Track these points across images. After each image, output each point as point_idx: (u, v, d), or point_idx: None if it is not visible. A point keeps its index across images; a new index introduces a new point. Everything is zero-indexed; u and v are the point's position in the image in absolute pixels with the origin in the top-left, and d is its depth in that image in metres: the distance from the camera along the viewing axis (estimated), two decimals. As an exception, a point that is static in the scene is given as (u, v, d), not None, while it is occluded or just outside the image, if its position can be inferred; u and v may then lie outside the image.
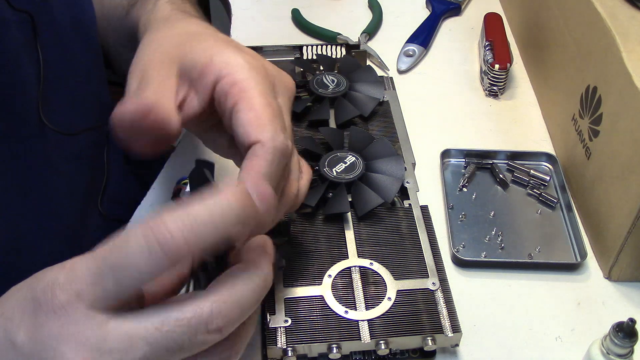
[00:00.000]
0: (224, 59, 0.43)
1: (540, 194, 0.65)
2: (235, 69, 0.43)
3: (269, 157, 0.40)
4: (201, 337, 0.32)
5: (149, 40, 0.48)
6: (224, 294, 0.33)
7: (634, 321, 0.44)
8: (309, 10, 0.89)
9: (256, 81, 0.43)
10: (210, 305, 0.32)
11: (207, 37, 0.47)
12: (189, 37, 0.47)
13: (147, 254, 0.31)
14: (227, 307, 0.33)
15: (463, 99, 0.78)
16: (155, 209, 0.63)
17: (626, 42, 0.56)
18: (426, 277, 0.51)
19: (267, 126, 0.41)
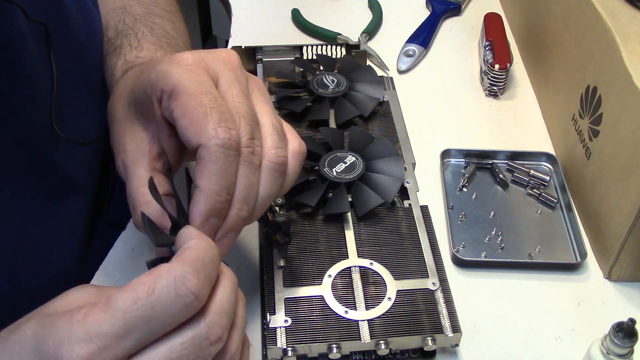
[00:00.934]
0: (151, 78, 0.43)
1: (540, 194, 0.65)
2: (164, 80, 0.42)
3: (212, 156, 0.40)
4: (206, 350, 0.35)
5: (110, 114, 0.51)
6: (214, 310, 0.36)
7: (634, 321, 0.44)
8: (309, 10, 0.89)
9: (185, 82, 0.41)
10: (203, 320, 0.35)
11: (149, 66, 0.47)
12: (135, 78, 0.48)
13: (180, 303, 0.34)
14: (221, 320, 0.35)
15: (463, 99, 0.78)
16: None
17: (626, 42, 0.56)
18: (426, 277, 0.51)
19: (202, 127, 0.40)
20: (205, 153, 0.40)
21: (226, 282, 0.37)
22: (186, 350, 0.34)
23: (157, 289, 0.33)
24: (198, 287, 0.34)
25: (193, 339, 0.34)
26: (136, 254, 0.59)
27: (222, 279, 0.37)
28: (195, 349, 0.34)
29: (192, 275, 0.34)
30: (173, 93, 0.41)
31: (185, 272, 0.34)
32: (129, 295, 0.33)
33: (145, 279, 0.34)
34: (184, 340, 0.34)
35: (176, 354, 0.34)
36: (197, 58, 0.43)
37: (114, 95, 0.52)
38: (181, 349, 0.34)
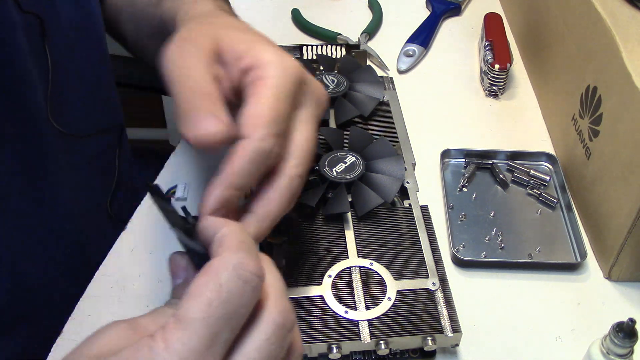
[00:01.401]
0: (259, 54, 0.43)
1: (540, 194, 0.65)
2: (266, 66, 0.42)
3: (247, 154, 0.39)
4: (287, 338, 0.34)
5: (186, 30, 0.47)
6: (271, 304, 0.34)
7: (634, 321, 0.44)
8: (309, 10, 0.89)
9: (280, 83, 0.42)
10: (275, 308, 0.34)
11: (248, 31, 0.47)
12: (233, 28, 0.47)
13: (249, 289, 0.33)
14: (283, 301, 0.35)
15: (463, 99, 0.78)
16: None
17: (626, 42, 0.56)
18: (426, 277, 0.51)
19: (261, 126, 0.40)
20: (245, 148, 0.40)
21: (269, 264, 0.37)
22: (273, 345, 0.33)
23: (224, 284, 0.32)
24: (257, 267, 0.33)
25: (275, 332, 0.33)
26: (136, 253, 0.59)
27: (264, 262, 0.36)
28: (278, 340, 0.34)
29: (247, 258, 0.33)
30: (266, 82, 0.41)
31: (241, 258, 0.33)
32: (200, 300, 0.32)
33: (205, 280, 0.32)
34: (268, 336, 0.33)
35: (265, 352, 0.33)
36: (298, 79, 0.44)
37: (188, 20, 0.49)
38: (268, 344, 0.33)
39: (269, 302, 0.34)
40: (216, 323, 0.32)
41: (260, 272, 0.33)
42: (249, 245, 0.35)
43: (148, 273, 0.57)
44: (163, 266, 0.57)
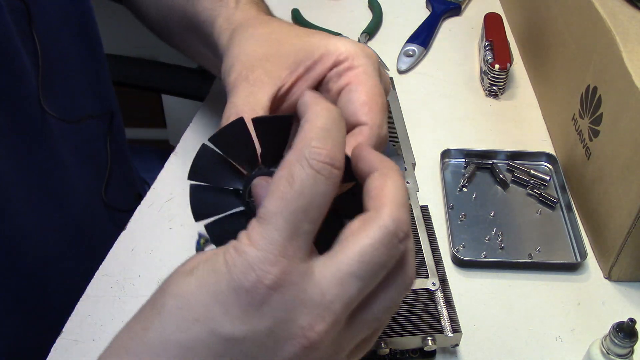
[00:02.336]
0: (340, 47, 0.45)
1: (540, 194, 0.65)
2: (353, 55, 0.44)
3: (371, 140, 0.41)
4: (398, 249, 0.32)
5: (246, 37, 0.48)
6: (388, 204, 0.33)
7: (634, 321, 0.44)
8: (309, 10, 0.89)
9: (372, 70, 0.44)
10: (389, 216, 0.32)
11: (311, 33, 0.48)
12: (295, 34, 0.48)
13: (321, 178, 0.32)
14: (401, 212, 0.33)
15: (463, 99, 0.78)
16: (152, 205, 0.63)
17: (626, 42, 0.56)
18: (426, 277, 0.51)
19: (377, 113, 0.42)
20: (368, 133, 0.41)
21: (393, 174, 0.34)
22: (377, 251, 0.31)
23: (296, 177, 0.31)
24: (330, 154, 0.32)
25: (382, 238, 0.32)
26: (136, 254, 0.59)
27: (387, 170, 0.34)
28: (387, 248, 0.32)
29: (319, 145, 0.32)
30: (358, 71, 0.44)
31: (311, 148, 0.32)
32: (273, 197, 0.31)
33: (279, 176, 0.32)
34: (373, 241, 0.32)
35: (368, 256, 0.31)
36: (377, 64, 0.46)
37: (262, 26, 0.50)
38: (372, 250, 0.31)
39: (383, 208, 0.32)
40: (293, 215, 0.31)
41: (331, 158, 0.32)
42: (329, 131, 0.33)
43: (148, 273, 0.57)
44: (163, 266, 0.57)
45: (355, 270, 0.31)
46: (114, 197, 0.68)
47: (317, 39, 0.46)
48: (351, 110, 0.42)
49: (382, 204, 0.33)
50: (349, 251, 0.32)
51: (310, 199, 0.31)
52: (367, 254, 0.31)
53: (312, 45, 0.46)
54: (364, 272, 0.31)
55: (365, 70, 0.44)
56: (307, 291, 0.31)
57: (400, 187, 0.34)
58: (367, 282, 0.32)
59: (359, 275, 0.31)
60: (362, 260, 0.31)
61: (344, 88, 0.44)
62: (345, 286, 0.31)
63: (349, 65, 0.44)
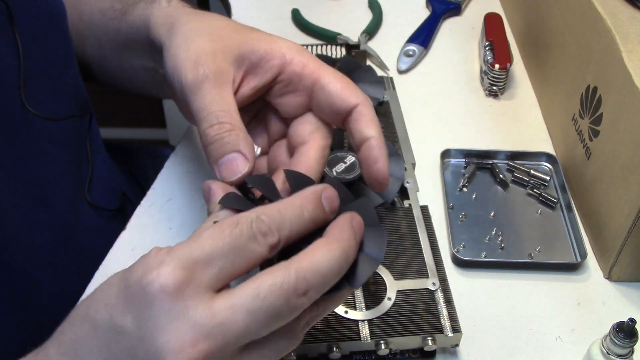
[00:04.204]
0: (281, 45, 0.48)
1: (540, 194, 0.65)
2: (298, 54, 0.47)
3: (371, 112, 0.46)
4: (293, 301, 0.34)
5: (187, 31, 0.49)
6: (303, 263, 0.35)
7: (634, 321, 0.44)
8: (309, 10, 0.89)
9: (318, 60, 0.48)
10: (295, 271, 0.35)
11: (250, 28, 0.50)
12: (235, 28, 0.49)
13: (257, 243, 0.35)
14: (309, 274, 0.35)
15: (463, 99, 0.78)
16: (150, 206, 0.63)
17: (626, 42, 0.56)
18: (426, 277, 0.51)
19: (357, 90, 0.47)
20: (367, 109, 0.46)
21: (334, 246, 0.36)
22: (274, 294, 0.34)
23: (240, 225, 0.35)
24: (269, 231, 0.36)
25: (282, 285, 0.34)
26: (136, 254, 0.59)
27: (332, 243, 0.37)
28: (283, 295, 0.34)
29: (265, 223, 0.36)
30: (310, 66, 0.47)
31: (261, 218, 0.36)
32: (216, 228, 0.35)
33: (228, 220, 0.36)
34: (273, 283, 0.34)
35: (263, 295, 0.34)
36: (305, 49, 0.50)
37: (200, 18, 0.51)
38: (269, 290, 0.34)
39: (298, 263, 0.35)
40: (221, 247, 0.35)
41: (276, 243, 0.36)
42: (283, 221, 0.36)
43: (148, 273, 0.57)
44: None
45: (248, 304, 0.34)
46: (98, 196, 0.68)
47: (258, 36, 0.49)
48: (339, 101, 0.46)
49: (300, 260, 0.35)
50: (249, 286, 0.34)
51: (240, 248, 0.35)
52: (262, 291, 0.34)
53: (254, 40, 0.48)
54: (256, 309, 0.34)
55: (316, 63, 0.47)
56: (198, 309, 0.33)
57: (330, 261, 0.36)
58: (257, 321, 0.34)
59: (250, 309, 0.34)
60: (256, 296, 0.34)
61: (314, 86, 0.47)
62: (236, 315, 0.33)
63: (301, 63, 0.47)
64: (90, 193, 0.67)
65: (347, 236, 0.37)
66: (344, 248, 0.37)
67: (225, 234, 0.35)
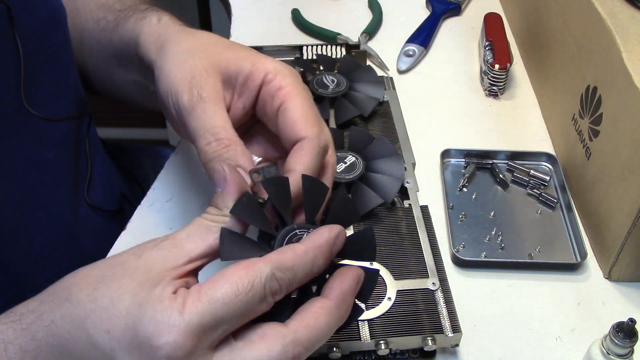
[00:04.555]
0: (266, 66, 0.48)
1: (540, 194, 0.65)
2: (279, 75, 0.48)
3: (313, 151, 0.45)
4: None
5: (179, 51, 0.50)
6: (301, 331, 0.37)
7: (634, 321, 0.44)
8: (309, 10, 0.89)
9: (299, 86, 0.48)
10: (292, 342, 0.36)
11: (237, 46, 0.51)
12: (223, 46, 0.50)
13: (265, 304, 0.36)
14: (306, 342, 0.37)
15: (463, 99, 0.78)
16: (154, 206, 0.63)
17: (626, 42, 0.56)
18: (426, 277, 0.51)
19: (313, 125, 0.46)
20: (309, 145, 0.45)
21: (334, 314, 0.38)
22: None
23: (255, 286, 0.35)
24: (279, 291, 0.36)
25: (280, 354, 0.36)
26: (136, 254, 0.59)
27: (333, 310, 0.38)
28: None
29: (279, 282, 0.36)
30: (286, 89, 0.47)
31: (275, 278, 0.36)
32: (230, 288, 0.35)
33: (243, 274, 0.35)
34: (270, 353, 0.35)
35: None
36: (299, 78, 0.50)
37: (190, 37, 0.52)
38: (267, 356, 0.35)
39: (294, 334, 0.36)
40: (232, 312, 0.35)
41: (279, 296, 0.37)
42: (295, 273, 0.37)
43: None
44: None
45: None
46: (97, 197, 0.68)
47: (244, 54, 0.49)
48: (290, 129, 0.46)
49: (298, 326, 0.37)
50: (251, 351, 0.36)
51: (251, 309, 0.36)
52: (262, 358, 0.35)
53: (241, 60, 0.49)
54: None
55: (293, 88, 0.47)
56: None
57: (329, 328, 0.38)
58: None
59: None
60: None
61: (279, 108, 0.47)
62: None
63: (277, 85, 0.47)
64: (90, 194, 0.67)
65: (349, 301, 0.39)
66: (342, 315, 0.39)
67: (239, 298, 0.35)
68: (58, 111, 0.62)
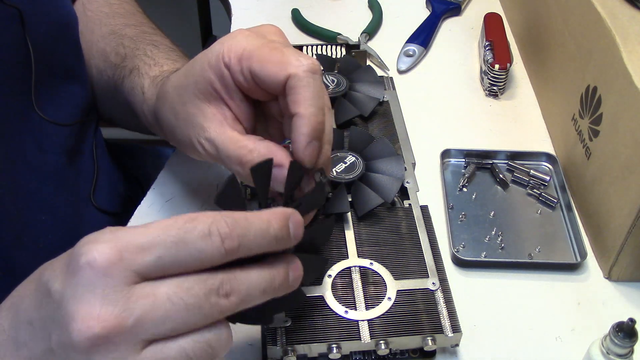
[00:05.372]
0: (217, 53, 0.46)
1: (540, 194, 0.65)
2: (230, 49, 0.46)
3: (303, 82, 0.44)
4: (214, 299, 0.35)
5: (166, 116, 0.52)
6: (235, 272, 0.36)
7: (634, 321, 0.44)
8: (309, 10, 0.89)
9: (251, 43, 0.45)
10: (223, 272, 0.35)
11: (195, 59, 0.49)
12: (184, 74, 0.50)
13: (209, 242, 0.34)
14: (234, 280, 0.36)
15: (463, 99, 0.78)
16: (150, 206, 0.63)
17: (626, 42, 0.56)
18: (426, 277, 0.51)
19: (284, 61, 0.44)
20: (296, 81, 0.44)
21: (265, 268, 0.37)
22: (192, 292, 0.34)
23: (196, 219, 0.34)
24: (227, 234, 0.35)
25: (207, 280, 0.35)
26: (136, 254, 0.59)
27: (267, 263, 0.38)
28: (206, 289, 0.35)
29: (227, 224, 0.35)
30: (244, 54, 0.45)
31: (222, 219, 0.35)
32: (169, 220, 0.35)
33: (192, 215, 0.35)
34: (199, 277, 0.35)
35: (183, 292, 0.34)
36: (251, 30, 0.48)
37: (163, 103, 0.52)
38: (187, 289, 0.34)
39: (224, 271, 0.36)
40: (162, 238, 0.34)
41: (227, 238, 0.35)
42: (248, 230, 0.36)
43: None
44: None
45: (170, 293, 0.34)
46: (103, 199, 0.69)
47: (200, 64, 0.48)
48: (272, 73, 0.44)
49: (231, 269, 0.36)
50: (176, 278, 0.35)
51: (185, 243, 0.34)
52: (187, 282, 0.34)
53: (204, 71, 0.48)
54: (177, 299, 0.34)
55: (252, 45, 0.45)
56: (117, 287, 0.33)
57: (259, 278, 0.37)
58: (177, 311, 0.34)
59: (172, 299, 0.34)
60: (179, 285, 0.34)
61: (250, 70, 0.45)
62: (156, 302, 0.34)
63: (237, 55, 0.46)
64: (96, 197, 0.67)
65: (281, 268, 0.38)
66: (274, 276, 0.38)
67: (177, 225, 0.34)
68: (66, 115, 0.63)
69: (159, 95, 0.54)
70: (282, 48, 0.45)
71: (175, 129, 0.51)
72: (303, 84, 0.44)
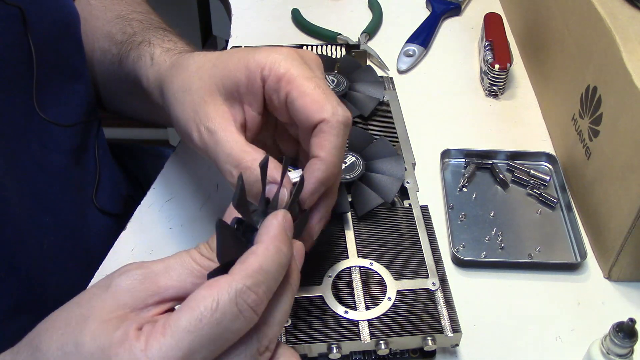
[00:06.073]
0: (259, 62, 0.46)
1: (540, 194, 0.65)
2: (274, 65, 0.46)
3: (334, 131, 0.44)
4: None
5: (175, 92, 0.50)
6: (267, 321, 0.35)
7: (634, 321, 0.44)
8: (309, 10, 0.89)
9: (296, 68, 0.46)
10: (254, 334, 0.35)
11: (227, 57, 0.49)
12: (212, 65, 0.49)
13: (242, 319, 0.33)
14: (269, 329, 0.35)
15: (463, 99, 0.78)
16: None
17: (626, 42, 0.56)
18: (426, 277, 0.51)
19: (325, 105, 0.44)
20: (329, 127, 0.44)
21: (287, 294, 0.37)
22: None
23: (221, 305, 0.33)
24: (257, 302, 0.34)
25: (246, 353, 0.34)
26: (136, 254, 0.59)
27: (285, 289, 0.37)
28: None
29: (252, 290, 0.34)
30: (286, 76, 0.45)
31: (245, 288, 0.33)
32: (193, 314, 0.32)
33: (206, 294, 0.33)
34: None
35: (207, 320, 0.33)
36: (297, 52, 0.48)
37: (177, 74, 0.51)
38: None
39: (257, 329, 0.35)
40: (200, 340, 0.32)
41: (257, 306, 0.34)
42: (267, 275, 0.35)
43: (148, 273, 0.57)
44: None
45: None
46: (104, 200, 0.69)
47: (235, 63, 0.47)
48: (304, 117, 0.45)
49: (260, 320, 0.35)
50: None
51: (222, 332, 0.33)
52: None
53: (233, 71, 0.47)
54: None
55: (292, 75, 0.45)
56: None
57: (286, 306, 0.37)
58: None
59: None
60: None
61: (286, 100, 0.46)
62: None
63: (275, 76, 0.46)
64: (98, 198, 0.67)
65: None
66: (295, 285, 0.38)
67: (205, 322, 0.32)
68: (68, 116, 0.62)
69: (175, 64, 0.53)
70: (325, 88, 0.46)
71: (178, 104, 0.49)
72: (334, 132, 0.44)
